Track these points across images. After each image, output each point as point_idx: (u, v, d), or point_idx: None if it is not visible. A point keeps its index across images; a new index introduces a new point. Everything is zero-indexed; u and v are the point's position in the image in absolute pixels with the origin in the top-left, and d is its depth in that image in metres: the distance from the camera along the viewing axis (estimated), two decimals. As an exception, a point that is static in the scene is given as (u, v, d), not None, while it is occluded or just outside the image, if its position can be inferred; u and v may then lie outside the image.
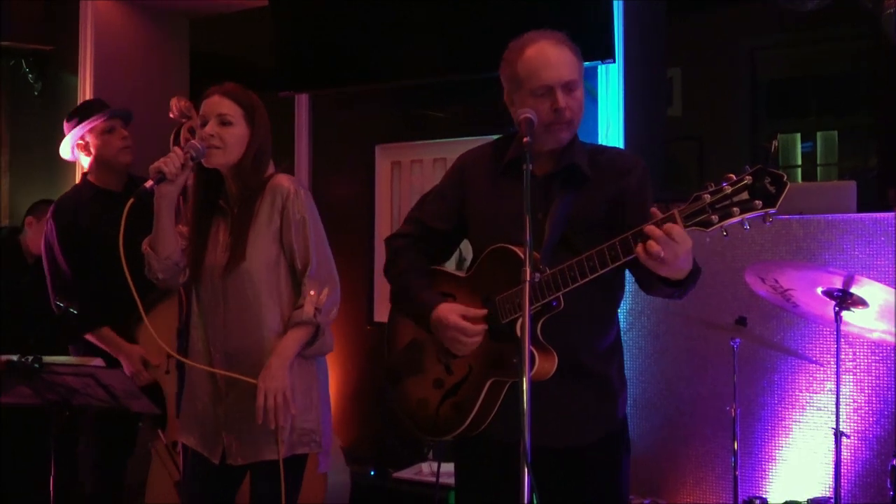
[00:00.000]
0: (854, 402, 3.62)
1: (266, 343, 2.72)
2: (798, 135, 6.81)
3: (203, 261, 2.78)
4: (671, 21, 5.06)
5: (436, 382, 2.40)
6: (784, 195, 1.87)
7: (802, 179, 6.72)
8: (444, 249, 2.56)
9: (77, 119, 3.85)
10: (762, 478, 3.80)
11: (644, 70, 4.47)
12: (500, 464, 2.25)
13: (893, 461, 3.24)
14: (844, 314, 3.14)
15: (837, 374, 3.21)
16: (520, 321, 2.07)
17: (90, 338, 3.68)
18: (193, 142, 2.68)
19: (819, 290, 3.16)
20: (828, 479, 3.56)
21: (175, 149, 2.65)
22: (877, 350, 3.58)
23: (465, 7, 4.39)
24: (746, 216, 1.90)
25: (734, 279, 3.70)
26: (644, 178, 2.33)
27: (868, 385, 3.61)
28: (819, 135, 6.74)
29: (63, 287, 3.68)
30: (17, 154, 5.60)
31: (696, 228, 1.96)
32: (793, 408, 3.74)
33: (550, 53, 2.26)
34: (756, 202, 1.88)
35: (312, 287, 2.71)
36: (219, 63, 5.72)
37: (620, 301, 2.44)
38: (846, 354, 3.55)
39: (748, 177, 1.90)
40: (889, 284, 3.23)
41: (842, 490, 3.24)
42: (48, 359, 2.95)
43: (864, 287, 3.07)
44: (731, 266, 3.78)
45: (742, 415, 3.58)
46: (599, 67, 4.21)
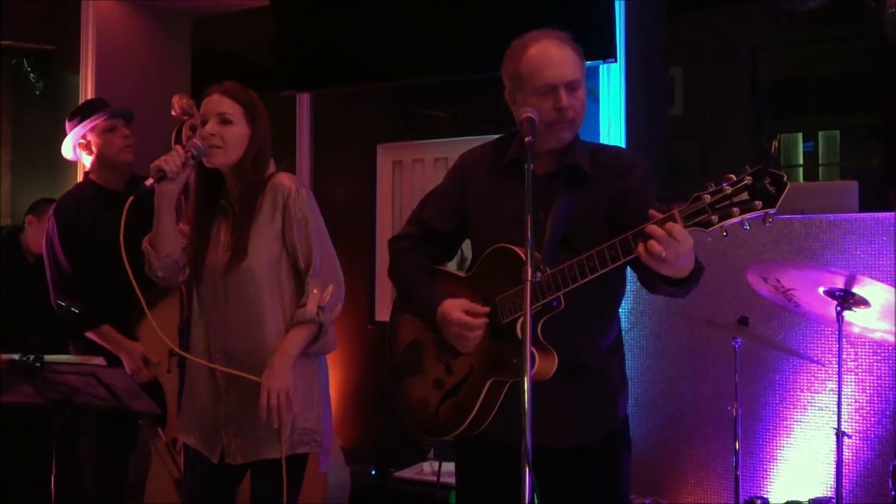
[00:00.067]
0: (856, 402, 3.61)
1: (267, 342, 2.72)
2: (800, 134, 6.80)
3: (204, 260, 2.78)
4: (672, 20, 5.06)
5: (436, 382, 2.40)
6: (784, 196, 1.87)
7: (804, 179, 6.71)
8: (447, 249, 2.56)
9: (79, 118, 3.86)
10: (763, 478, 3.80)
11: (645, 69, 4.47)
12: (501, 464, 2.25)
13: (895, 461, 3.24)
14: (846, 314, 3.14)
15: (839, 374, 3.20)
16: (520, 321, 2.07)
17: (91, 335, 3.69)
18: (194, 140, 2.69)
19: (821, 290, 3.16)
20: (829, 480, 3.56)
21: (176, 147, 2.66)
22: (878, 350, 3.58)
23: (467, 7, 4.39)
24: (746, 216, 1.90)
25: (736, 279, 3.70)
26: (646, 177, 2.33)
27: (870, 385, 3.61)
28: (821, 134, 6.73)
29: (64, 285, 3.68)
30: (19, 153, 5.61)
31: (696, 228, 1.95)
32: (794, 408, 3.74)
33: (554, 53, 2.25)
34: (756, 202, 1.88)
35: (316, 285, 2.71)
36: (220, 62, 5.72)
37: (621, 300, 2.43)
38: (848, 354, 3.55)
39: (748, 177, 1.90)
40: (891, 284, 3.23)
41: (843, 490, 3.23)
42: (50, 358, 2.95)
43: (866, 287, 3.07)
44: (733, 266, 3.77)
45: (743, 414, 3.58)
46: (601, 67, 4.21)
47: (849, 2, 4.54)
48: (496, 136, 2.50)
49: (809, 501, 3.57)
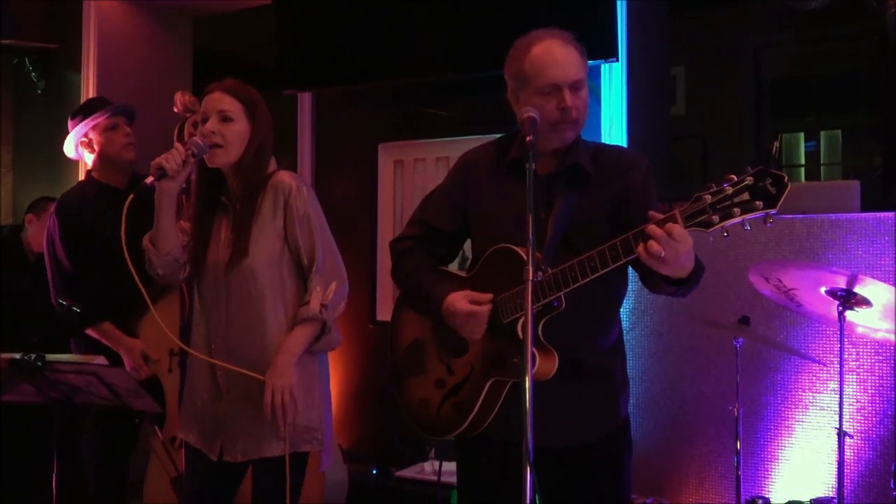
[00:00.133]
0: (857, 402, 3.61)
1: (269, 340, 2.72)
2: (801, 134, 6.80)
3: (205, 258, 2.78)
4: (674, 20, 5.06)
5: (437, 382, 2.40)
6: (785, 196, 1.86)
7: (806, 179, 6.71)
8: (449, 250, 2.55)
9: (81, 116, 3.86)
10: (765, 477, 3.79)
11: (647, 69, 4.47)
12: (502, 463, 2.25)
13: (897, 461, 3.24)
14: (848, 314, 3.13)
15: (841, 374, 3.20)
16: (521, 321, 2.07)
17: (91, 332, 3.69)
18: (195, 138, 2.68)
19: (822, 290, 3.15)
20: (831, 480, 3.56)
21: (177, 145, 2.65)
22: (880, 350, 3.58)
23: (468, 6, 4.39)
24: (747, 217, 1.89)
25: (737, 278, 3.70)
26: (647, 176, 2.33)
27: (871, 385, 3.60)
28: (822, 134, 6.73)
29: (64, 283, 3.68)
30: (21, 152, 5.61)
31: (697, 229, 1.95)
32: (796, 407, 3.74)
33: (558, 52, 2.25)
34: (757, 203, 1.88)
35: (319, 283, 2.71)
36: (221, 61, 5.72)
37: (623, 300, 2.43)
38: (849, 354, 3.55)
39: (749, 177, 1.89)
40: (892, 284, 3.22)
41: (845, 490, 3.23)
42: (51, 357, 2.95)
43: (868, 287, 3.06)
44: (735, 265, 3.77)
45: (745, 414, 3.58)
46: (603, 66, 4.21)
47: (851, 1, 4.53)
48: (498, 136, 2.50)
49: (811, 501, 3.57)
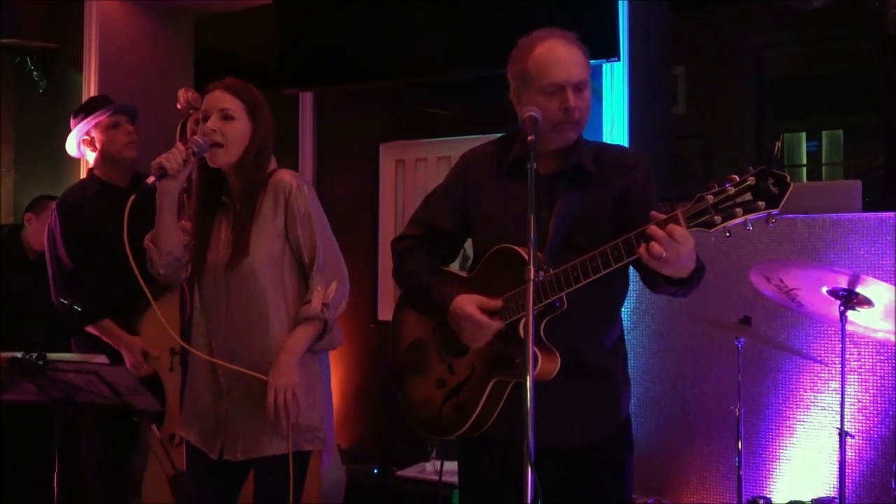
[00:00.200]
0: (859, 402, 3.61)
1: (270, 339, 2.72)
2: (803, 134, 6.79)
3: (206, 257, 2.78)
4: (676, 19, 5.05)
5: (439, 382, 2.40)
6: (787, 196, 1.86)
7: (807, 178, 6.70)
8: (451, 249, 2.55)
9: (83, 114, 3.87)
10: (766, 477, 3.79)
11: (649, 68, 4.46)
12: (504, 463, 2.25)
13: (898, 461, 3.24)
14: (849, 314, 3.13)
15: (842, 374, 3.20)
16: (523, 321, 2.07)
17: (91, 329, 3.69)
18: (195, 137, 2.69)
19: (824, 290, 3.15)
20: (832, 480, 3.56)
21: (178, 144, 2.65)
22: (882, 350, 3.57)
23: (469, 5, 4.39)
24: (749, 217, 1.89)
25: (739, 278, 3.69)
26: (649, 176, 2.33)
27: (873, 385, 3.60)
28: (824, 134, 6.72)
29: (65, 281, 3.68)
30: (22, 151, 5.62)
31: (699, 229, 1.95)
32: (797, 407, 3.74)
33: (561, 52, 2.25)
34: (759, 203, 1.87)
35: (320, 282, 2.71)
36: (223, 60, 5.71)
37: (624, 299, 2.43)
38: (851, 354, 3.54)
39: (751, 178, 1.89)
40: (894, 284, 3.22)
41: (846, 490, 3.23)
42: (52, 356, 2.95)
43: (870, 286, 3.06)
44: (736, 265, 3.77)
45: (746, 414, 3.57)
46: (604, 66, 4.20)
47: (852, 1, 4.52)
48: (499, 135, 2.50)
49: (812, 501, 3.56)
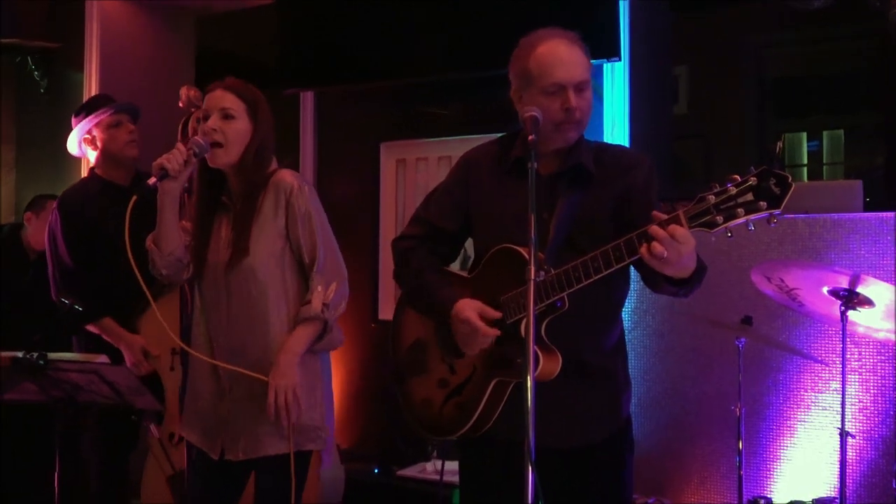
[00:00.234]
0: (859, 402, 3.61)
1: (271, 339, 2.72)
2: (804, 133, 6.78)
3: (206, 257, 2.78)
4: (677, 19, 5.05)
5: (440, 382, 2.40)
6: (789, 196, 1.86)
7: (808, 178, 6.70)
8: (451, 249, 2.55)
9: (84, 113, 3.87)
10: (767, 477, 3.79)
11: (650, 68, 4.46)
12: (505, 463, 2.25)
13: (899, 461, 3.24)
14: (850, 314, 3.13)
15: (843, 374, 3.20)
16: (524, 321, 2.07)
17: (91, 327, 3.69)
18: (196, 138, 2.69)
19: (825, 290, 3.15)
20: (833, 480, 3.56)
21: (178, 145, 2.66)
22: (882, 350, 3.57)
23: (468, 5, 4.39)
24: (751, 217, 1.89)
25: (740, 278, 3.69)
26: (650, 175, 2.33)
27: (874, 385, 3.60)
28: (825, 133, 6.71)
29: (65, 280, 3.68)
30: (24, 151, 5.62)
31: (701, 229, 1.95)
32: (798, 407, 3.74)
33: (563, 52, 2.25)
34: (761, 203, 1.87)
35: (320, 282, 2.71)
36: (224, 60, 5.71)
37: (625, 299, 2.43)
38: (852, 354, 3.54)
39: (753, 178, 1.89)
40: (894, 284, 3.22)
41: (847, 490, 3.23)
42: (53, 355, 2.95)
43: (870, 286, 3.06)
44: (737, 265, 3.77)
45: (747, 414, 3.57)
46: (605, 66, 4.20)
47: (853, 1, 4.52)
48: (499, 135, 2.50)
49: (813, 501, 3.56)
